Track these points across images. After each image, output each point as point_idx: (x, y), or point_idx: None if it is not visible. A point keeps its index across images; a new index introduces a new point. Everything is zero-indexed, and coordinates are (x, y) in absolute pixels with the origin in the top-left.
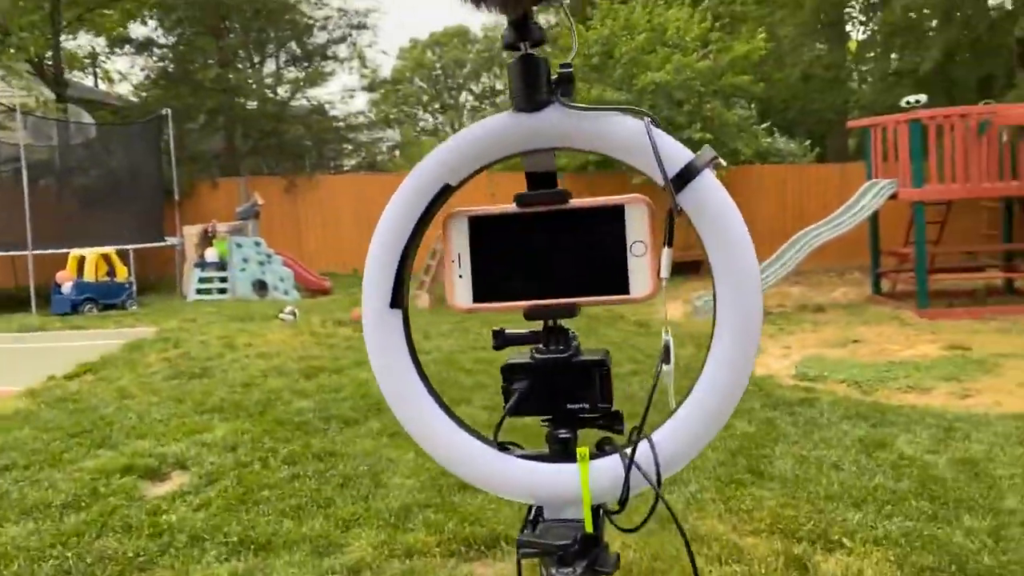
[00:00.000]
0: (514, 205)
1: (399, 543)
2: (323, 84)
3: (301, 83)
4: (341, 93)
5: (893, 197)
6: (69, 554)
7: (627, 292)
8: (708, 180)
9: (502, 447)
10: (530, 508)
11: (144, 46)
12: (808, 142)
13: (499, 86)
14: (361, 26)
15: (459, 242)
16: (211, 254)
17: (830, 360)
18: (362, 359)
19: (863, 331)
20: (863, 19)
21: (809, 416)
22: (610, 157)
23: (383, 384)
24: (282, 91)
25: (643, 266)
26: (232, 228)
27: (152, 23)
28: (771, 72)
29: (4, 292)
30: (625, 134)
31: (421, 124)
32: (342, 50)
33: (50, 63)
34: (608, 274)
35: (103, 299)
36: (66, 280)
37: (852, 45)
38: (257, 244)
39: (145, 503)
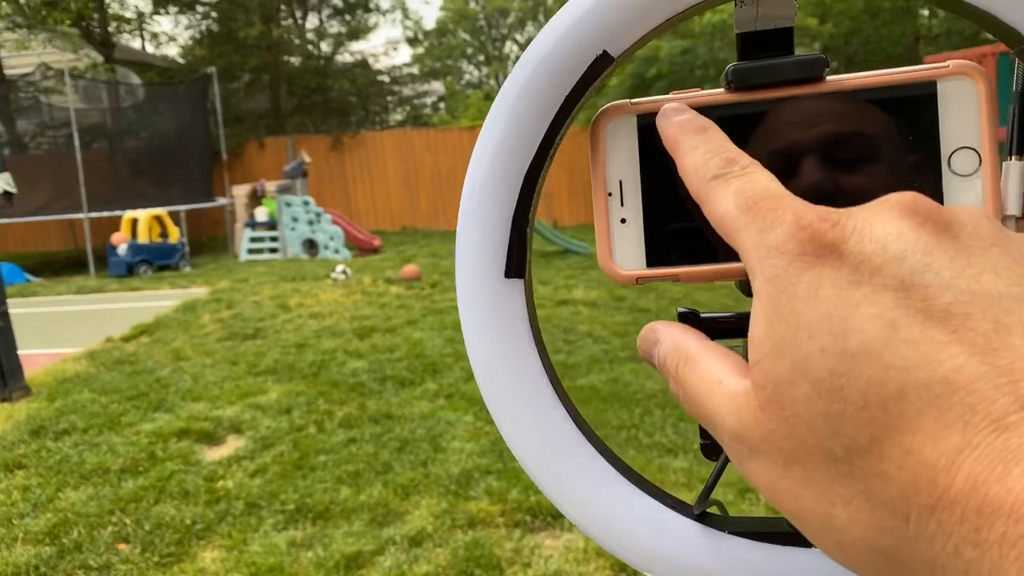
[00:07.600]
0: (721, 90)
1: (461, 512)
2: (366, 37)
3: (343, 37)
4: (384, 46)
5: None
6: (128, 520)
7: None
8: None
9: (702, 518)
10: None
11: (188, 5)
12: None
13: None
14: None
15: (620, 161)
16: (261, 213)
17: None
18: (414, 318)
19: None
20: None
21: None
22: None
23: (499, 418)
24: (325, 46)
25: (973, 193)
26: (280, 187)
27: None
28: (832, 2)
29: (63, 255)
30: None
31: (466, 77)
32: (384, 1)
33: (96, 26)
34: None
35: (157, 260)
36: (121, 242)
37: None
38: (306, 203)
39: (202, 468)
